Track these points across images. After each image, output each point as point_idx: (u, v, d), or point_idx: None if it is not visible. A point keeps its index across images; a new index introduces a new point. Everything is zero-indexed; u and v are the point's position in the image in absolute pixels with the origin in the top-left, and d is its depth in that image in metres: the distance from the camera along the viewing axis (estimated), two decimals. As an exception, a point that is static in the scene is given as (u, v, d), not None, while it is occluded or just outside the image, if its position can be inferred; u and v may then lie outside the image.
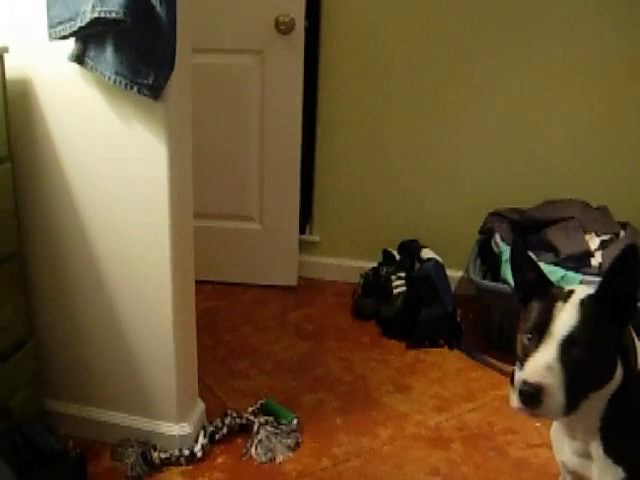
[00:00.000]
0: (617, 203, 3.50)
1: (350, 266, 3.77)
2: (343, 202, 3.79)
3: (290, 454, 2.45)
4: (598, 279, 2.95)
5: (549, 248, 3.16)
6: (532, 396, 1.37)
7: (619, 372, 1.47)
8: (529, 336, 1.46)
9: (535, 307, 1.51)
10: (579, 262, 3.08)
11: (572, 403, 1.40)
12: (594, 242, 3.23)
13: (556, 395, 1.38)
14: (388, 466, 2.42)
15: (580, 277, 2.97)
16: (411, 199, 3.72)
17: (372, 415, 2.71)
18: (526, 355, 1.43)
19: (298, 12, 3.34)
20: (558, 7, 3.36)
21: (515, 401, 1.40)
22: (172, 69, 2.00)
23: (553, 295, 1.50)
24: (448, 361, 3.13)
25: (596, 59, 3.41)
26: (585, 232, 3.27)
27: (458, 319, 3.30)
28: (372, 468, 2.41)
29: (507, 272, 3.03)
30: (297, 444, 2.49)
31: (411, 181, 3.70)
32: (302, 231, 3.81)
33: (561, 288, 1.53)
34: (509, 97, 3.51)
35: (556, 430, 1.68)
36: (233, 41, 3.44)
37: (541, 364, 1.39)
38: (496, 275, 3.15)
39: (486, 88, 3.52)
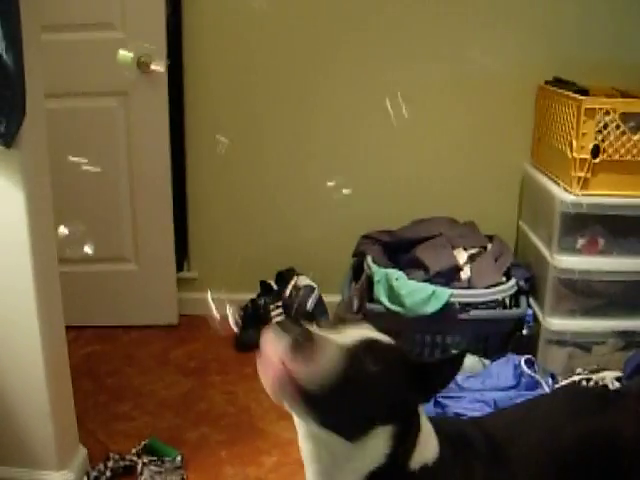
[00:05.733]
0: (483, 217, 3.64)
1: (230, 300, 3.76)
2: (218, 237, 3.81)
3: (175, 491, 2.46)
4: (467, 291, 3.10)
5: (419, 266, 3.26)
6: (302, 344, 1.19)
7: (382, 450, 1.31)
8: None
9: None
10: (448, 277, 3.19)
11: (312, 405, 1.22)
12: (462, 256, 3.35)
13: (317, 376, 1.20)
14: (273, 492, 2.46)
15: (450, 291, 3.07)
16: (285, 229, 3.77)
17: (257, 445, 2.74)
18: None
19: (159, 51, 3.36)
20: (425, 25, 3.53)
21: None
22: (23, 116, 2.00)
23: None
24: (330, 384, 3.17)
25: (457, 79, 3.57)
26: (453, 247, 3.38)
27: (337, 343, 3.35)
28: (258, 496, 2.44)
29: (380, 293, 3.11)
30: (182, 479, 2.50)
31: (284, 211, 3.76)
32: (180, 268, 3.81)
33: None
34: (372, 120, 3.59)
35: None
36: (96, 84, 3.42)
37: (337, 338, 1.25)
38: (370, 296, 3.22)
39: (350, 112, 3.63)
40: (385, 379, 1.28)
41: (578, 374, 2.95)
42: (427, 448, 1.39)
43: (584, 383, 2.87)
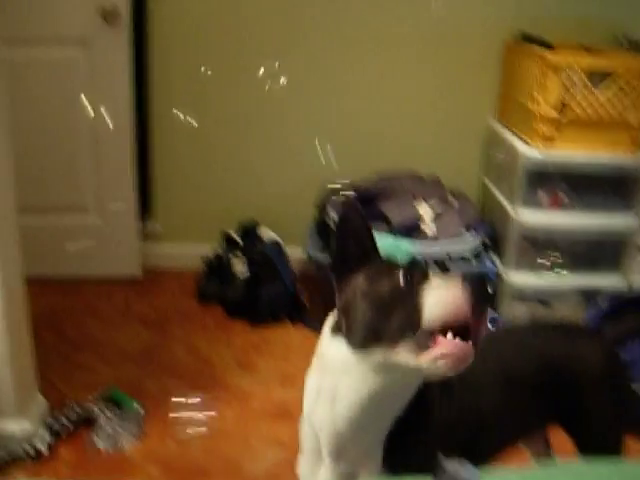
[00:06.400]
0: (448, 174, 3.64)
1: (193, 252, 3.73)
2: (182, 189, 3.77)
3: (135, 440, 2.45)
4: (431, 243, 3.10)
5: (382, 219, 3.25)
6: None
7: None
8: None
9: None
10: (410, 230, 3.20)
11: None
12: (426, 211, 3.35)
13: None
14: (233, 441, 2.46)
15: (412, 245, 3.08)
16: (249, 179, 3.74)
17: (218, 396, 2.74)
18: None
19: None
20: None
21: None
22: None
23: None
24: (292, 336, 3.19)
25: (422, 32, 3.55)
26: (417, 202, 3.39)
27: (299, 295, 3.36)
28: (218, 445, 2.44)
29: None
30: (141, 430, 2.50)
31: (248, 161, 3.72)
32: (143, 221, 3.77)
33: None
34: (337, 72, 3.60)
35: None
36: (55, 29, 3.36)
37: None
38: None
39: (315, 64, 3.60)
40: None
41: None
42: None
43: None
